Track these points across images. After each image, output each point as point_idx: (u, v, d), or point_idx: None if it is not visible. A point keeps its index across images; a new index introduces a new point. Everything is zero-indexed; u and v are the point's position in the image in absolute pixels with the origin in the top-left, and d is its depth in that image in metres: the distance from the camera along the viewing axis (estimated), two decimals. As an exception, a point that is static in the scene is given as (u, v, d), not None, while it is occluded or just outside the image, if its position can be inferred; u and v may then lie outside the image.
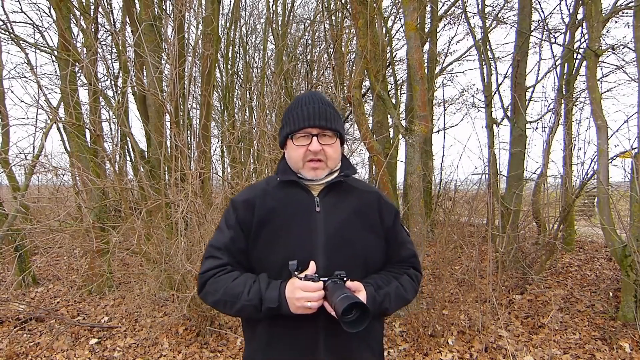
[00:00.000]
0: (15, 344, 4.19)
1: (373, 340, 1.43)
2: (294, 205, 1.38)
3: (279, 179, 1.42)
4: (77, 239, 4.55)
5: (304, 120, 1.36)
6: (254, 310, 1.28)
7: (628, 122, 4.51)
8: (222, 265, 1.36)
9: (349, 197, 1.42)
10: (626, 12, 6.28)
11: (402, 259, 1.48)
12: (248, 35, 12.63)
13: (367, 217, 1.41)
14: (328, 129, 1.37)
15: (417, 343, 3.79)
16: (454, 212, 5.97)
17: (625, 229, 4.29)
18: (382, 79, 5.71)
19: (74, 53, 5.02)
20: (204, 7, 7.14)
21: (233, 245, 1.38)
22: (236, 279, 1.32)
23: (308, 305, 1.21)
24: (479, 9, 7.52)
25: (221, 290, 1.32)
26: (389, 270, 1.45)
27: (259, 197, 1.40)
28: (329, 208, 1.38)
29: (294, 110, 1.39)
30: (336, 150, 1.40)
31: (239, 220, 1.38)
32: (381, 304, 1.33)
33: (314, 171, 1.38)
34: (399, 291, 1.39)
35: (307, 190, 1.40)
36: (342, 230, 1.36)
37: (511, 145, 6.40)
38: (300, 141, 1.37)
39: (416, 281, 1.49)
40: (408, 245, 1.51)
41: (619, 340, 3.83)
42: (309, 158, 1.37)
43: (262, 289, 1.27)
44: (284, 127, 1.42)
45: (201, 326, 4.11)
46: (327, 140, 1.37)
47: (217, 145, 9.49)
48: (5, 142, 6.27)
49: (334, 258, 1.32)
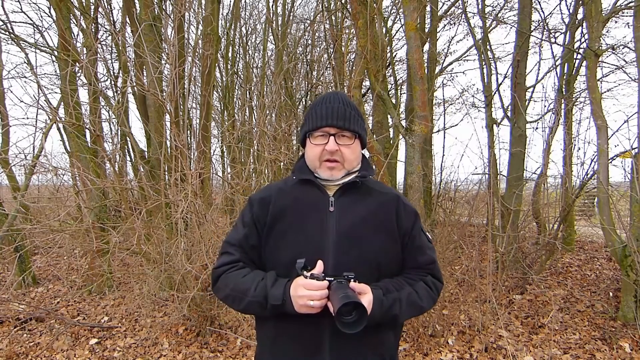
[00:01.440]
0: (15, 344, 4.19)
1: (385, 351, 1.36)
2: (307, 204, 1.37)
3: (295, 178, 1.42)
4: (77, 239, 4.55)
5: (322, 119, 1.34)
6: (259, 307, 1.28)
7: (628, 122, 4.51)
8: (234, 261, 1.38)
9: (366, 199, 1.39)
10: (626, 12, 6.28)
11: (419, 264, 1.42)
12: (248, 35, 12.64)
13: (382, 220, 1.38)
14: (346, 130, 1.34)
15: (417, 343, 3.79)
16: (454, 212, 5.97)
17: (625, 229, 4.29)
18: (382, 79, 5.71)
19: (73, 53, 5.02)
20: (203, 7, 7.15)
21: (246, 242, 1.39)
22: (246, 275, 1.33)
23: (310, 304, 1.18)
24: (479, 9, 7.51)
25: (231, 286, 1.33)
26: (405, 276, 1.40)
27: (274, 196, 1.40)
28: (343, 208, 1.36)
29: (315, 109, 1.38)
30: (354, 152, 1.37)
31: (254, 217, 1.39)
32: (389, 310, 1.27)
33: (330, 171, 1.36)
34: (412, 298, 1.33)
35: (323, 190, 1.39)
36: (354, 231, 1.33)
37: (511, 145, 6.40)
38: (317, 140, 1.36)
39: (434, 289, 1.42)
40: (427, 250, 1.43)
41: (619, 340, 3.83)
42: (326, 158, 1.35)
43: (268, 286, 1.26)
44: (304, 125, 1.41)
45: (201, 326, 4.11)
46: (345, 141, 1.35)
47: (217, 145, 9.50)
48: (5, 142, 6.27)
49: (343, 258, 1.30)
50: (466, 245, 4.69)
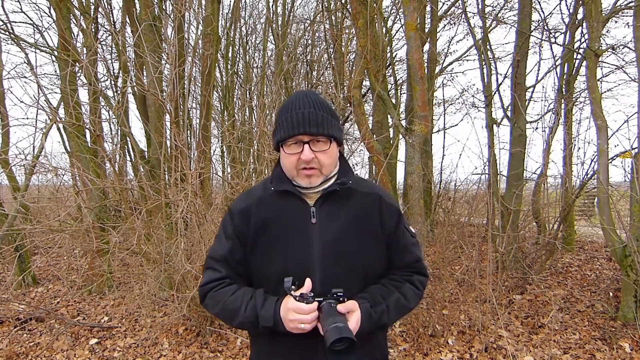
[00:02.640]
0: (15, 344, 4.19)
1: (376, 350, 1.40)
2: (289, 217, 1.34)
3: (273, 189, 1.37)
4: (77, 239, 4.55)
5: (293, 127, 1.27)
6: (251, 326, 1.29)
7: (628, 122, 4.51)
8: (220, 278, 1.36)
9: (347, 204, 1.36)
10: (626, 12, 6.27)
11: (405, 264, 1.42)
12: (248, 35, 12.63)
13: (365, 224, 1.35)
14: (320, 135, 1.28)
15: (417, 343, 3.79)
16: (454, 212, 5.97)
17: (625, 229, 4.28)
18: (382, 79, 5.72)
19: (73, 53, 5.02)
20: (203, 7, 7.15)
21: (231, 257, 1.36)
22: (234, 293, 1.31)
23: (302, 327, 1.19)
24: (479, 9, 7.51)
25: (220, 305, 1.32)
26: (391, 278, 1.40)
27: (254, 206, 1.37)
28: (324, 218, 1.33)
29: (285, 115, 1.31)
30: (331, 156, 1.32)
31: (236, 230, 1.37)
32: (378, 320, 1.29)
33: (308, 179, 1.31)
34: (400, 302, 1.35)
35: (303, 200, 1.35)
36: (339, 242, 1.31)
37: (511, 145, 6.40)
38: (291, 149, 1.30)
39: (420, 287, 1.44)
40: (412, 248, 1.43)
41: (619, 340, 3.83)
42: (302, 166, 1.30)
43: (257, 307, 1.26)
44: (275, 133, 1.35)
45: (201, 326, 4.11)
46: (320, 147, 1.29)
47: (217, 145, 9.47)
48: (5, 143, 6.27)
49: (330, 271, 1.29)
50: (466, 245, 4.68)
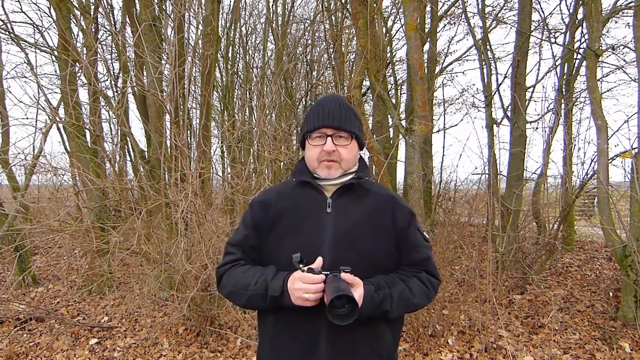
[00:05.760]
0: (15, 344, 4.19)
1: (381, 347, 1.39)
2: (305, 206, 1.42)
3: (294, 180, 1.47)
4: (77, 239, 4.54)
5: (319, 119, 1.40)
6: (260, 300, 1.33)
7: (628, 122, 4.51)
8: (236, 260, 1.45)
9: (362, 200, 1.43)
10: (626, 12, 6.28)
11: (414, 261, 1.44)
12: (248, 35, 12.63)
13: (378, 220, 1.41)
14: (342, 130, 1.39)
15: (417, 343, 3.79)
16: (454, 212, 5.96)
17: (625, 229, 4.29)
18: (382, 79, 5.71)
19: (73, 53, 5.02)
20: (203, 7, 7.14)
21: (246, 243, 1.46)
22: (247, 271, 1.39)
23: (306, 297, 1.22)
24: (479, 9, 7.52)
25: (233, 282, 1.40)
26: (399, 273, 1.42)
27: (274, 198, 1.47)
28: (340, 209, 1.40)
29: (312, 111, 1.44)
30: (351, 152, 1.42)
31: (254, 219, 1.46)
32: (380, 305, 1.30)
33: (328, 170, 1.40)
34: (405, 294, 1.35)
35: (321, 191, 1.43)
36: (351, 232, 1.37)
37: (511, 145, 6.40)
38: (315, 141, 1.41)
39: (429, 286, 1.43)
40: (422, 247, 1.45)
41: (619, 340, 3.83)
42: (324, 158, 1.40)
43: (268, 279, 1.32)
44: (302, 127, 1.47)
45: (201, 326, 4.11)
46: (341, 142, 1.40)
47: (217, 145, 9.49)
48: (5, 142, 6.27)
49: (340, 258, 1.32)
50: (466, 245, 4.68)
